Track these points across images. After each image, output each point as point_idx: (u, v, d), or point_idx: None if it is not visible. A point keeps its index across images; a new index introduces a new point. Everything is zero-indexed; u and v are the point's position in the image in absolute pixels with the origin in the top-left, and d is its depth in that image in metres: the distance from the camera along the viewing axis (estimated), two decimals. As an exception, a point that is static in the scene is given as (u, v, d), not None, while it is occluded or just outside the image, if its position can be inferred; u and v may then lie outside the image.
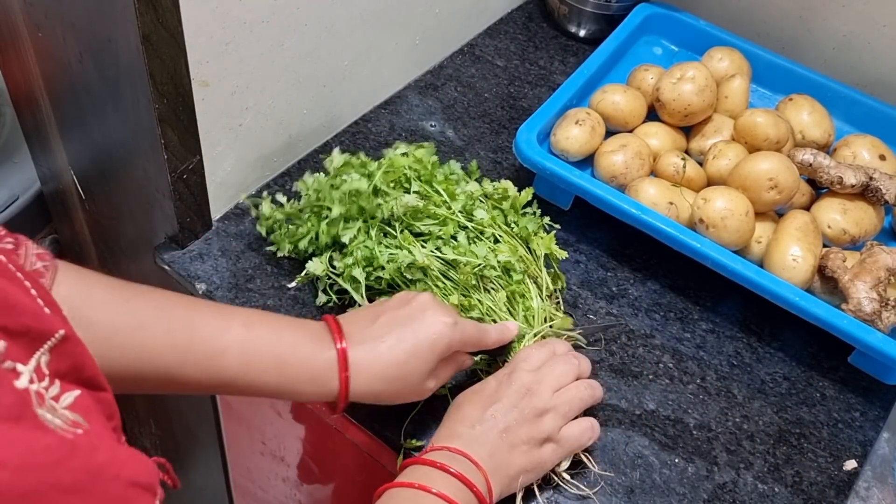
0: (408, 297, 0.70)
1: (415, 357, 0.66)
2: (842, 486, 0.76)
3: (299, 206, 0.83)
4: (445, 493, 0.61)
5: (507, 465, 0.66)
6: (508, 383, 0.69)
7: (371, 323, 0.67)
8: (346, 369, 0.64)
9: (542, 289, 0.81)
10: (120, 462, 0.38)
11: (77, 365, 0.42)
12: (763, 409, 0.81)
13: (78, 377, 0.42)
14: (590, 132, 0.92)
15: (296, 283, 0.83)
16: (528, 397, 0.68)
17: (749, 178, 0.85)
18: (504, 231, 0.82)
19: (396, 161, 0.83)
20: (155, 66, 0.71)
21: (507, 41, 1.18)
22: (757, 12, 1.12)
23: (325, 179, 0.82)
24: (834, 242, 0.88)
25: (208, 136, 0.82)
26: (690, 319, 0.88)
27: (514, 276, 0.78)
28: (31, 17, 0.78)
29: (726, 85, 0.99)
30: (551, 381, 0.70)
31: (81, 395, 0.40)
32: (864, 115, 1.02)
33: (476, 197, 0.82)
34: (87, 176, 0.94)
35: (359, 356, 0.65)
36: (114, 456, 0.38)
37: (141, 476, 0.39)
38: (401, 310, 0.68)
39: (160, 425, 1.34)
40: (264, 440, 1.00)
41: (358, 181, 0.79)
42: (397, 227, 0.78)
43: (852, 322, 0.79)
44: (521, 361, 0.72)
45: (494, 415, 0.67)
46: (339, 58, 0.93)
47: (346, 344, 0.65)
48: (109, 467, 0.37)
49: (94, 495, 0.36)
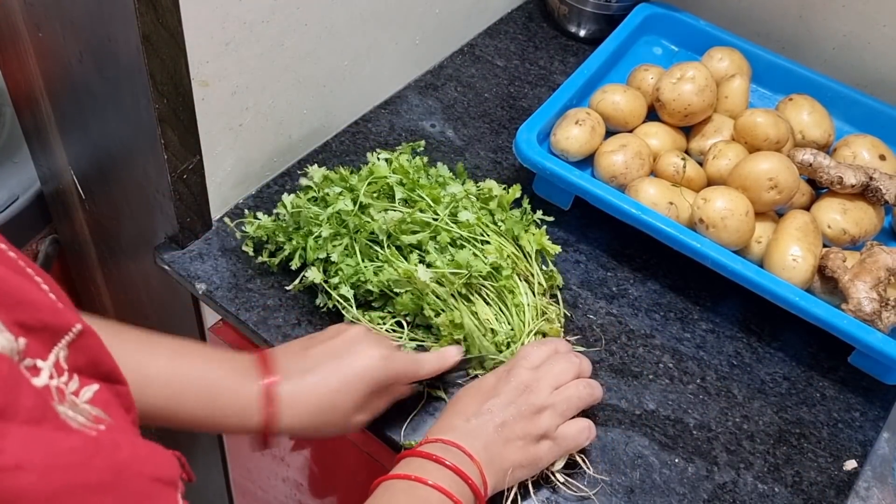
0: (340, 329, 0.71)
1: (344, 390, 0.66)
2: (842, 486, 0.76)
3: (284, 223, 0.83)
4: (441, 485, 0.61)
5: (502, 459, 0.66)
6: (507, 380, 0.69)
7: (302, 356, 0.68)
8: (272, 404, 0.64)
9: (534, 286, 0.81)
10: (143, 458, 0.38)
11: (94, 359, 0.42)
12: (763, 409, 0.81)
13: (96, 371, 0.42)
14: (590, 132, 0.92)
15: (292, 288, 0.83)
16: (526, 394, 0.68)
17: (749, 178, 0.85)
18: (492, 230, 0.82)
19: (378, 171, 0.83)
20: (155, 66, 0.71)
21: (507, 41, 1.18)
22: (757, 12, 1.12)
23: (305, 196, 0.83)
24: (834, 242, 0.88)
25: (208, 136, 0.82)
26: (690, 319, 0.88)
27: (504, 273, 0.79)
28: (31, 16, 0.78)
29: (726, 85, 0.99)
30: (550, 379, 0.70)
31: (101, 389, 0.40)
32: (864, 115, 1.02)
33: (460, 199, 0.82)
34: (87, 176, 0.94)
35: (287, 390, 0.65)
36: (136, 451, 0.38)
37: (163, 471, 0.39)
38: (332, 342, 0.69)
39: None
40: (264, 440, 1.00)
41: (343, 200, 0.79)
42: (384, 241, 0.79)
43: (852, 322, 0.79)
44: (521, 359, 0.72)
45: (491, 409, 0.67)
46: (339, 58, 0.93)
47: (273, 378, 0.65)
48: (133, 464, 0.37)
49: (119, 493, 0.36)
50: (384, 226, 0.78)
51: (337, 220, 0.80)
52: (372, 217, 0.79)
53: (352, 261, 0.78)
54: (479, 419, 0.67)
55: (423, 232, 0.79)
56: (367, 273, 0.77)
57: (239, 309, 0.82)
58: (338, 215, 0.80)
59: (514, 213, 0.85)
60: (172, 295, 0.96)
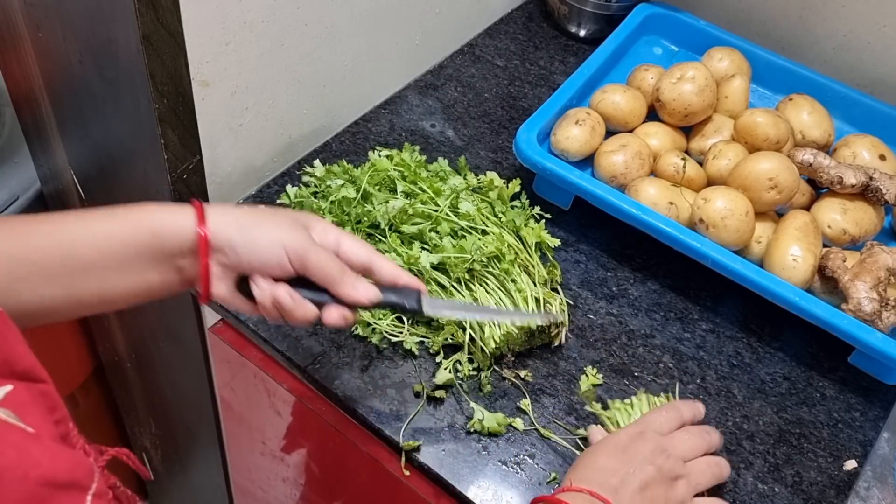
0: None
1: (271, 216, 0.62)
2: (842, 486, 0.76)
3: None
4: None
5: None
6: (642, 440, 0.68)
7: None
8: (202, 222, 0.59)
9: (535, 276, 0.81)
10: (34, 462, 0.37)
11: (7, 358, 0.41)
12: (763, 409, 0.81)
13: (11, 371, 0.40)
14: (590, 132, 0.92)
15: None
16: (663, 457, 0.67)
17: (749, 178, 0.85)
18: (492, 222, 0.82)
19: (380, 164, 0.84)
20: (155, 66, 0.71)
21: (507, 41, 1.18)
22: (757, 12, 1.12)
23: (308, 191, 0.83)
24: (834, 242, 0.88)
25: (208, 136, 0.82)
26: (690, 319, 0.88)
27: (506, 258, 0.79)
28: (31, 17, 0.78)
29: (726, 85, 0.99)
30: (684, 450, 0.69)
31: (15, 389, 0.39)
32: (864, 115, 1.02)
33: (460, 191, 0.83)
34: (87, 176, 0.94)
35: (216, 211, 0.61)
36: (24, 455, 0.37)
37: (61, 475, 0.38)
38: None
39: (160, 425, 1.34)
40: (264, 440, 1.00)
41: (346, 189, 0.80)
42: (386, 230, 0.79)
43: (852, 322, 0.79)
44: (650, 423, 0.71)
45: (633, 468, 0.66)
46: (339, 58, 0.93)
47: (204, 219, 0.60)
48: (16, 468, 0.36)
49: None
50: (386, 214, 0.78)
51: (340, 210, 0.80)
52: (374, 206, 0.79)
53: None
54: (622, 478, 0.65)
55: (424, 222, 0.79)
56: None
57: (239, 309, 0.82)
58: (341, 204, 0.80)
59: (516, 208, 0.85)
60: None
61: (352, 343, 0.81)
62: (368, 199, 0.80)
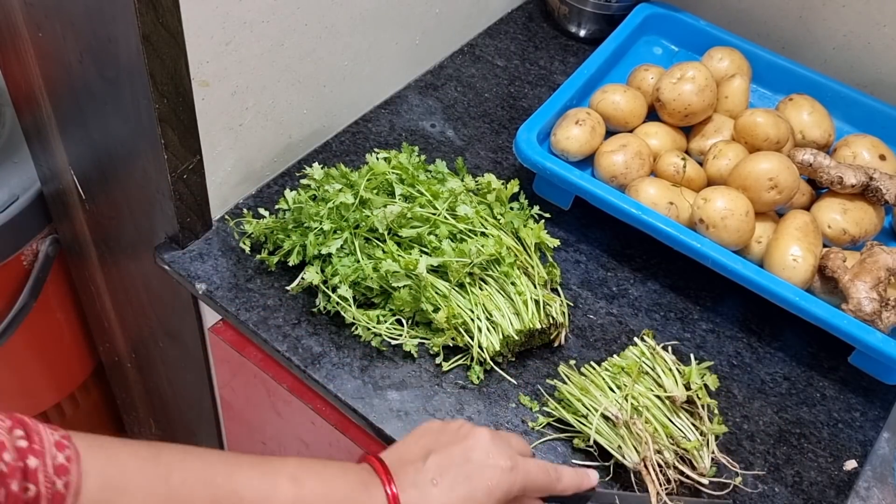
0: (462, 430, 0.65)
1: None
2: (842, 486, 0.76)
3: (283, 222, 0.83)
4: None
5: None
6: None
7: (421, 463, 0.62)
8: None
9: (535, 277, 0.81)
10: None
11: None
12: (763, 409, 0.81)
13: None
14: (590, 132, 0.92)
15: (291, 289, 0.83)
16: None
17: (749, 178, 0.85)
18: (491, 224, 0.82)
19: (377, 167, 0.84)
20: (155, 66, 0.71)
21: (507, 41, 1.18)
22: (757, 12, 1.12)
23: (306, 194, 0.83)
24: (834, 242, 0.88)
25: (208, 136, 0.82)
26: (690, 319, 0.88)
27: (504, 264, 0.79)
28: (31, 17, 0.78)
29: (726, 85, 0.99)
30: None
31: None
32: (864, 115, 1.02)
33: (458, 193, 0.83)
34: (87, 176, 0.94)
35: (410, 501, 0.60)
36: None
37: None
38: (454, 447, 0.63)
39: (160, 425, 1.35)
40: (264, 440, 1.00)
41: (343, 195, 0.80)
42: (385, 235, 0.79)
43: (852, 322, 0.79)
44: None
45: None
46: (339, 58, 0.93)
47: (395, 489, 0.60)
48: None
49: None
50: (384, 219, 0.78)
51: (338, 215, 0.80)
52: (372, 211, 0.79)
53: (349, 260, 0.78)
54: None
55: (422, 226, 0.79)
56: (367, 269, 0.77)
57: (239, 309, 0.82)
58: (339, 210, 0.80)
59: (514, 209, 0.85)
60: (172, 295, 0.96)
61: (352, 343, 0.81)
62: (366, 203, 0.80)
